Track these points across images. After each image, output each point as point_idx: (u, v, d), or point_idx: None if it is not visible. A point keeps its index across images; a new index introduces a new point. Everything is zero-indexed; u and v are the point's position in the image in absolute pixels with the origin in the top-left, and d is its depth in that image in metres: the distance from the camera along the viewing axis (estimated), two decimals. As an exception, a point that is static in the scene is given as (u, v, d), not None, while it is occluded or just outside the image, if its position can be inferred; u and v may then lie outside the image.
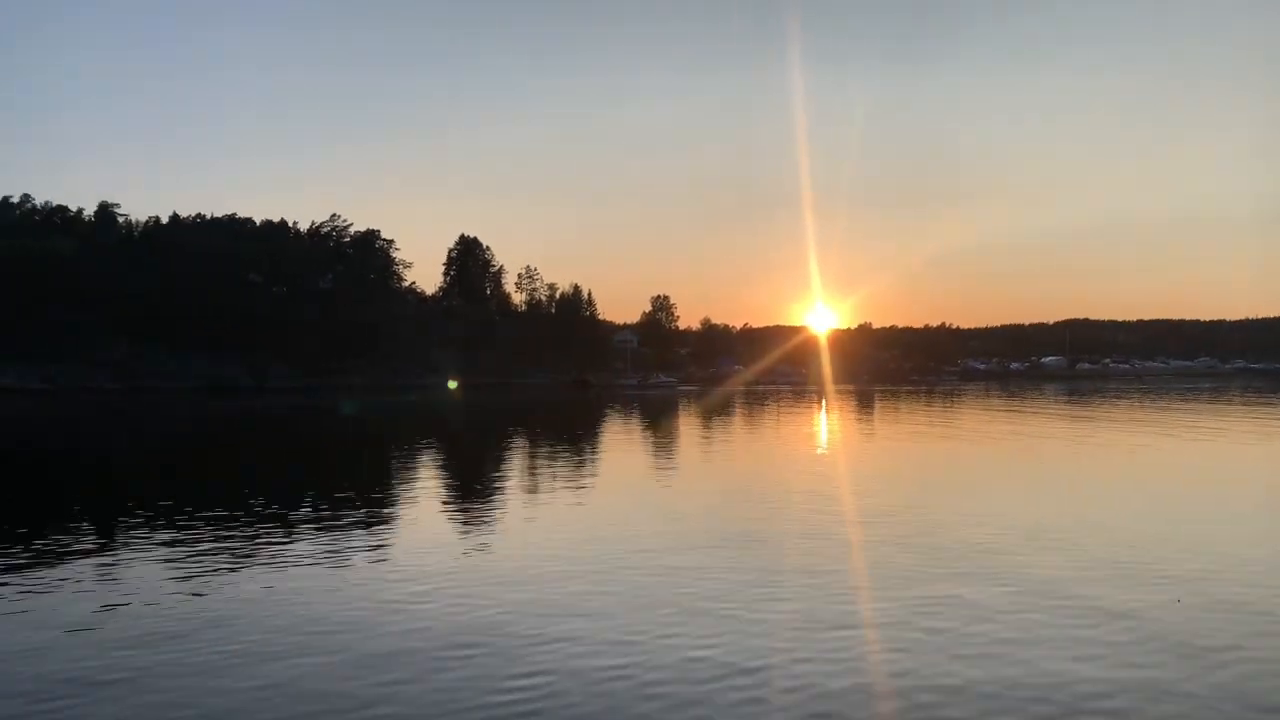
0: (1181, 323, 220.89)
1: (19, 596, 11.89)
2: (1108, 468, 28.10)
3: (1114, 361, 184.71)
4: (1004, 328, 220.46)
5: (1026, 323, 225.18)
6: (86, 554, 14.63)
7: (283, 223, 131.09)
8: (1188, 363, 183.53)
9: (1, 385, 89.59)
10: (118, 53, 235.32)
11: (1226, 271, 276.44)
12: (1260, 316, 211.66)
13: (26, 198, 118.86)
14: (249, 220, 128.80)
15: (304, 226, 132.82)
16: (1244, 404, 66.54)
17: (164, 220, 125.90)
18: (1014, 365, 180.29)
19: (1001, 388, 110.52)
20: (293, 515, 18.33)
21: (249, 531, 16.42)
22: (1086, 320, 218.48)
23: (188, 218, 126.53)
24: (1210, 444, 35.14)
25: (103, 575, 13.13)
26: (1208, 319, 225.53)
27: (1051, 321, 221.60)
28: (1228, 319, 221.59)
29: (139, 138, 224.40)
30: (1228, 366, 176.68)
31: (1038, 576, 12.54)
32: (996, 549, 14.50)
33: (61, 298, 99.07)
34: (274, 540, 15.66)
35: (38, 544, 15.36)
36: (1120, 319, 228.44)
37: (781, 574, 12.95)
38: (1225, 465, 29.04)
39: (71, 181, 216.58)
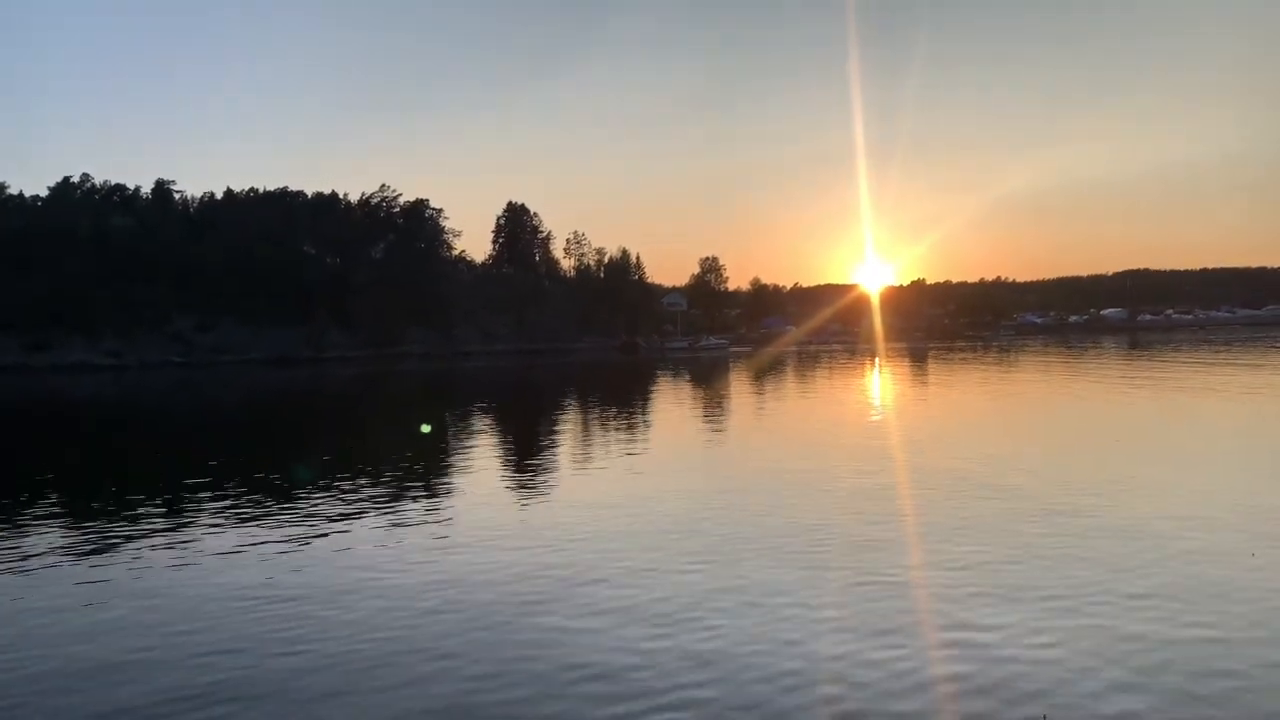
0: (1248, 270, 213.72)
1: (101, 566, 12.45)
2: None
3: (1177, 312, 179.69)
4: (1061, 280, 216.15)
5: (1084, 274, 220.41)
6: (166, 528, 15.21)
7: (333, 195, 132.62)
8: (1255, 311, 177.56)
9: (70, 362, 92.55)
10: (161, 35, 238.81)
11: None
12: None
13: (86, 177, 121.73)
14: (300, 193, 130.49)
15: (354, 198, 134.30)
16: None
17: (218, 196, 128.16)
18: (1073, 318, 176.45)
19: (1060, 342, 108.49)
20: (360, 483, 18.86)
21: (314, 500, 16.94)
22: (1147, 270, 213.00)
23: (241, 192, 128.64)
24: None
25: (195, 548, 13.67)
26: (1276, 265, 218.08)
27: (1110, 272, 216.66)
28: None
29: (189, 117, 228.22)
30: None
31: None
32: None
33: (125, 274, 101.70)
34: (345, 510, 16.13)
35: (112, 517, 16.02)
36: (1183, 268, 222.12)
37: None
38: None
39: (127, 162, 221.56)
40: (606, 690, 7.66)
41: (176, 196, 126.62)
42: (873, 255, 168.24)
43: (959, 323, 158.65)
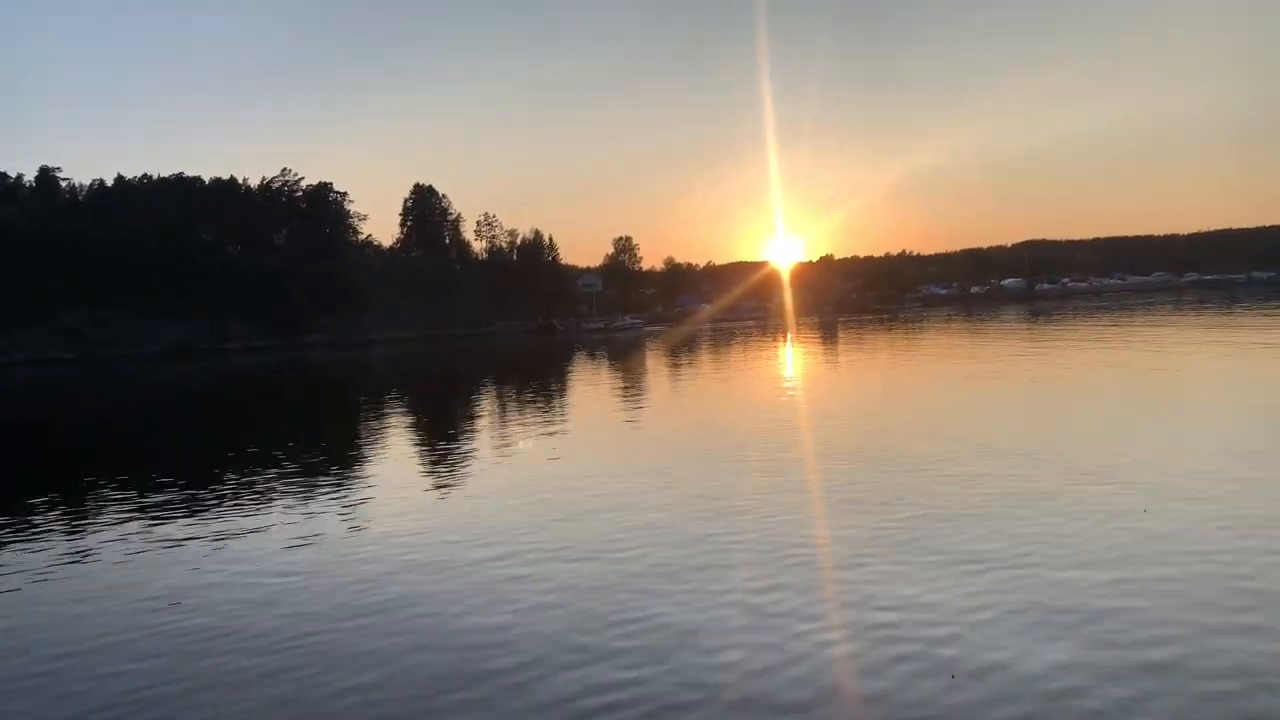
0: (1136, 239, 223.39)
1: (-14, 574, 11.81)
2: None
3: (1072, 281, 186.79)
4: (963, 252, 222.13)
5: (985, 246, 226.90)
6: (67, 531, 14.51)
7: (232, 180, 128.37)
8: (1144, 278, 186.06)
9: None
10: (40, 14, 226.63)
11: (1177, 186, 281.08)
12: (1210, 229, 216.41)
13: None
14: (197, 179, 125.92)
15: (254, 183, 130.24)
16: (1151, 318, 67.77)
17: (109, 183, 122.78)
18: (975, 289, 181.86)
19: (963, 312, 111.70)
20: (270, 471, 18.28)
21: (228, 489, 16.37)
22: (1044, 241, 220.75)
23: (133, 179, 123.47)
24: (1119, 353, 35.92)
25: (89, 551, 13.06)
26: (1161, 234, 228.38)
27: (1010, 244, 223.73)
28: (1180, 233, 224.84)
29: (74, 99, 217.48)
30: (1182, 280, 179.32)
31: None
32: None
33: (7, 267, 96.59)
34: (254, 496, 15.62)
35: (4, 516, 15.23)
36: (1077, 238, 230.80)
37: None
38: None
39: (6, 149, 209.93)
40: (530, 678, 7.57)
41: (63, 184, 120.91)
42: (783, 232, 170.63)
43: (867, 296, 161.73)
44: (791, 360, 49.58)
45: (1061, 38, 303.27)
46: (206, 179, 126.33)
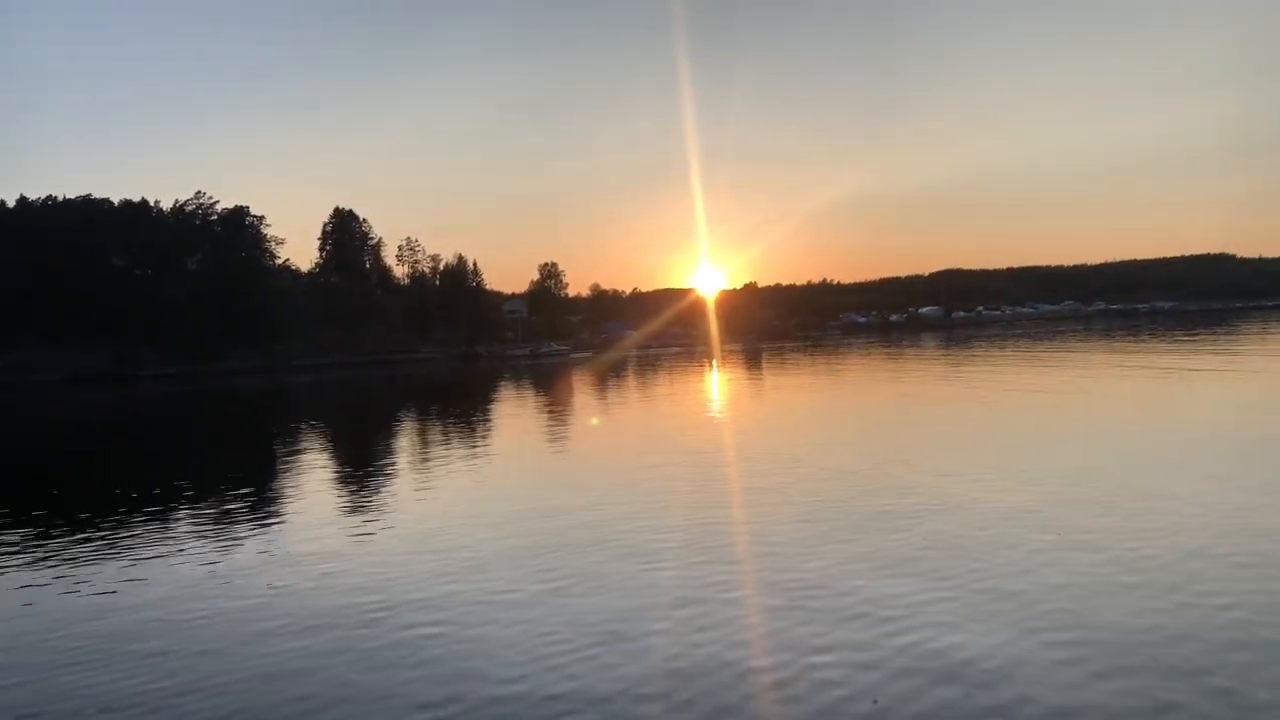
0: (1047, 268, 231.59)
1: None
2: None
3: (986, 309, 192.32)
4: (882, 281, 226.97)
5: (903, 275, 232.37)
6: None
7: (144, 202, 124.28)
8: (1054, 306, 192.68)
9: None
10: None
11: (1085, 219, 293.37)
12: (1116, 260, 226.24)
13: None
14: (106, 201, 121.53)
15: (167, 205, 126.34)
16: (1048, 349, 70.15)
17: (10, 204, 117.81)
18: (894, 317, 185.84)
19: (882, 340, 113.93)
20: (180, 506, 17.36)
21: (140, 522, 15.47)
22: (959, 270, 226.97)
23: (36, 200, 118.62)
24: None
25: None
26: (1070, 264, 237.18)
27: (927, 273, 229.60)
28: (1088, 263, 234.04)
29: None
30: (1090, 309, 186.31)
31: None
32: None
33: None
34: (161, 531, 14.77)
35: None
36: (991, 267, 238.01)
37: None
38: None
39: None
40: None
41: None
42: (708, 260, 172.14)
43: (789, 324, 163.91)
44: (717, 386, 49.70)
45: (973, 74, 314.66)
46: (116, 201, 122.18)
